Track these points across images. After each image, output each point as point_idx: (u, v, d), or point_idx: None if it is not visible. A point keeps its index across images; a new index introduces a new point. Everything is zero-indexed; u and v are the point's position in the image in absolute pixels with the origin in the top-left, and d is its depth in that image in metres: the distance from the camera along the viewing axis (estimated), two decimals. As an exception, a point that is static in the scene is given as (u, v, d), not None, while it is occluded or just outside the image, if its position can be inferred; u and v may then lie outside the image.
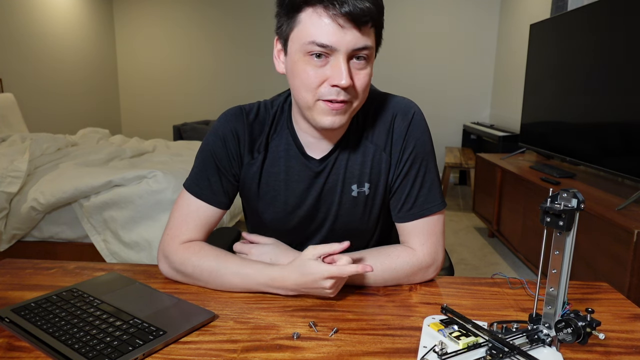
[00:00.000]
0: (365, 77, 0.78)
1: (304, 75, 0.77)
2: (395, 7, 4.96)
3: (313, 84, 0.77)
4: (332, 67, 0.75)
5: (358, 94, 0.79)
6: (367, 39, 0.75)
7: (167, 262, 0.89)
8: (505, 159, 3.17)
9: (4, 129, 3.25)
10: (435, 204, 0.90)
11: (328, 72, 0.75)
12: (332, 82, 0.75)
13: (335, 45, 0.73)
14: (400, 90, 4.46)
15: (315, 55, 0.75)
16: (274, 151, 0.92)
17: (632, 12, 1.98)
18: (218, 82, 5.58)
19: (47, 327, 0.69)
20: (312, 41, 0.74)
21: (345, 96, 0.77)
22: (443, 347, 0.62)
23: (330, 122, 0.79)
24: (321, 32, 0.73)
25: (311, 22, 0.74)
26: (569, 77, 2.54)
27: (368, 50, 0.76)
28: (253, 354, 0.65)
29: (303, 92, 0.78)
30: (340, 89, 0.76)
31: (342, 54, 0.74)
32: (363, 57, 0.77)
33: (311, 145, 0.90)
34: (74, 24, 4.97)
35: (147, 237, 2.18)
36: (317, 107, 0.79)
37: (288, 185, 0.92)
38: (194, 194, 0.90)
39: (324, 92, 0.77)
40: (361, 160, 0.90)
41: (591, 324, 0.64)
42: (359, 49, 0.75)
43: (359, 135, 0.91)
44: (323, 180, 0.91)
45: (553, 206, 0.63)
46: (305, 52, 0.75)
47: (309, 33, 0.74)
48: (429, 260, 0.89)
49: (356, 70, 0.77)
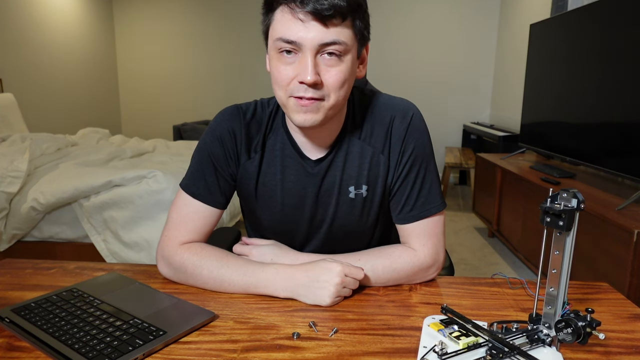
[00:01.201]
0: (338, 75, 0.76)
1: (276, 72, 0.78)
2: (395, 7, 4.96)
3: (284, 81, 0.77)
4: (299, 63, 0.75)
5: (330, 91, 0.77)
6: (335, 34, 0.73)
7: (166, 264, 0.88)
8: (505, 159, 3.17)
9: (4, 129, 3.25)
10: (435, 205, 0.90)
11: (297, 69, 0.75)
12: (299, 79, 0.75)
13: (299, 40, 0.73)
14: (400, 91, 4.45)
15: (285, 52, 0.76)
16: (270, 151, 0.91)
17: (632, 12, 1.98)
18: (218, 82, 5.58)
19: (47, 327, 0.69)
20: (280, 37, 0.75)
21: (314, 93, 0.76)
22: (443, 347, 0.62)
23: (302, 120, 0.78)
24: (286, 29, 0.74)
25: (279, 19, 0.75)
26: (569, 77, 2.54)
27: (339, 45, 0.74)
28: (253, 354, 0.65)
29: (277, 89, 0.79)
30: (307, 85, 0.75)
31: (308, 49, 0.74)
32: (335, 54, 0.75)
33: (306, 146, 0.89)
34: (74, 24, 4.97)
35: (147, 237, 2.18)
36: (290, 104, 0.79)
37: (284, 186, 0.91)
38: (191, 194, 0.90)
39: (294, 89, 0.77)
40: (359, 162, 0.90)
41: (591, 324, 0.64)
42: (327, 44, 0.74)
43: (356, 136, 0.90)
44: (319, 182, 0.90)
45: (553, 206, 0.63)
46: (277, 49, 0.76)
47: (278, 30, 0.75)
48: (430, 261, 0.88)
49: (326, 67, 0.75)
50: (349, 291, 0.81)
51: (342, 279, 0.79)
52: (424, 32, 5.05)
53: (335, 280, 0.78)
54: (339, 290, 0.79)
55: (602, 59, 2.22)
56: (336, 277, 0.78)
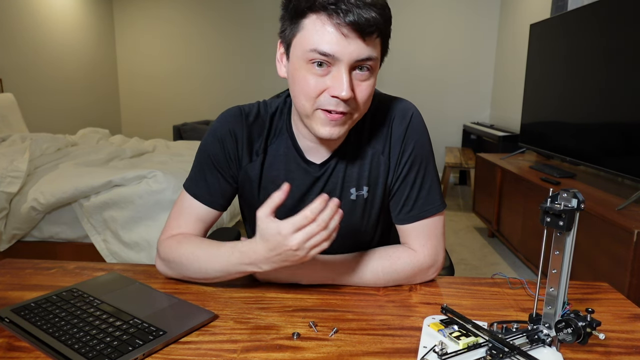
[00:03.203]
0: (368, 89, 0.76)
1: (304, 83, 0.75)
2: (395, 7, 4.95)
3: (313, 93, 0.75)
4: (334, 77, 0.73)
5: (359, 106, 0.77)
6: (371, 49, 0.73)
7: (158, 255, 0.90)
8: (505, 159, 3.17)
9: (4, 129, 3.25)
10: (434, 205, 0.89)
11: (329, 82, 0.74)
12: (332, 93, 0.73)
13: (337, 54, 0.71)
14: (400, 90, 4.44)
15: (317, 64, 0.73)
16: (272, 154, 0.91)
17: (632, 11, 1.98)
18: (218, 82, 5.58)
19: (47, 327, 0.69)
20: (314, 49, 0.72)
21: (345, 108, 0.75)
22: (443, 347, 0.62)
23: (329, 133, 0.78)
24: (324, 41, 0.71)
25: (315, 29, 0.72)
26: (569, 77, 2.54)
27: (372, 61, 0.74)
28: (253, 354, 0.65)
29: (302, 99, 0.77)
30: (340, 100, 0.74)
31: (345, 64, 0.72)
32: (367, 68, 0.75)
33: (311, 150, 0.89)
34: (74, 24, 4.97)
35: (147, 237, 2.18)
36: (316, 116, 0.77)
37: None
38: (192, 195, 0.91)
39: (323, 102, 0.75)
40: (359, 164, 0.90)
41: (591, 324, 0.64)
42: (363, 59, 0.73)
43: (357, 139, 0.90)
44: (322, 185, 0.91)
45: (553, 206, 0.63)
46: (307, 60, 0.73)
47: (312, 41, 0.72)
48: (430, 261, 0.88)
49: (358, 81, 0.75)
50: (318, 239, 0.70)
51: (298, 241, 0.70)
52: (423, 32, 5.05)
53: (292, 245, 0.70)
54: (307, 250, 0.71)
55: (602, 59, 2.22)
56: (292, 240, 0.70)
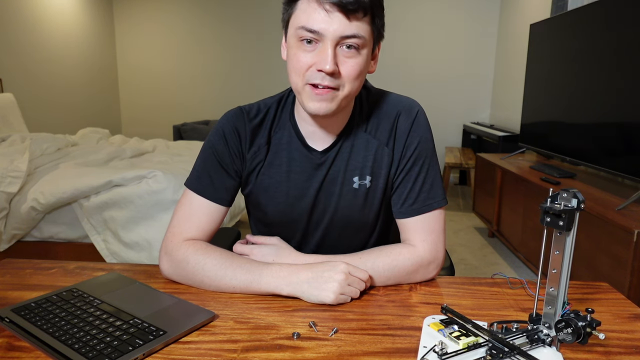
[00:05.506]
0: (354, 66, 0.80)
1: (294, 59, 0.81)
2: (395, 7, 4.96)
3: (302, 68, 0.80)
4: (319, 52, 0.78)
5: (345, 82, 0.81)
6: (356, 27, 0.77)
7: (168, 260, 0.88)
8: (505, 159, 3.17)
9: (4, 129, 3.25)
10: (437, 200, 0.91)
11: (316, 58, 0.79)
12: (317, 67, 0.78)
13: (322, 31, 0.77)
14: (400, 90, 4.42)
15: (306, 41, 0.79)
16: (276, 144, 0.94)
17: (632, 11, 1.98)
18: (218, 82, 5.58)
19: (47, 327, 0.69)
20: (302, 26, 0.78)
21: (331, 82, 0.79)
22: (443, 347, 0.62)
23: (316, 108, 0.81)
24: (310, 19, 0.77)
25: (303, 8, 0.78)
26: (569, 77, 2.54)
27: (358, 39, 0.78)
28: (253, 354, 0.65)
29: (294, 76, 0.82)
30: (325, 74, 0.78)
31: (329, 40, 0.77)
32: (353, 47, 0.79)
33: (313, 136, 0.92)
34: (74, 24, 4.97)
35: (147, 237, 2.18)
36: (305, 91, 0.82)
37: (289, 177, 0.93)
38: (196, 191, 0.91)
39: (311, 76, 0.80)
40: (364, 154, 0.92)
41: (591, 324, 0.64)
42: (347, 36, 0.77)
43: (362, 129, 0.93)
44: (325, 172, 0.93)
45: (553, 206, 0.63)
46: (298, 38, 0.79)
47: (301, 19, 0.78)
48: (430, 256, 0.89)
49: (344, 58, 0.79)
50: (354, 291, 0.80)
51: (345, 275, 0.79)
52: (423, 32, 5.05)
53: (339, 277, 0.78)
54: (342, 286, 0.78)
55: (602, 59, 2.22)
56: (340, 274, 0.79)
